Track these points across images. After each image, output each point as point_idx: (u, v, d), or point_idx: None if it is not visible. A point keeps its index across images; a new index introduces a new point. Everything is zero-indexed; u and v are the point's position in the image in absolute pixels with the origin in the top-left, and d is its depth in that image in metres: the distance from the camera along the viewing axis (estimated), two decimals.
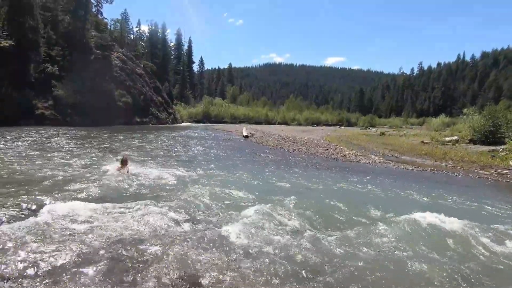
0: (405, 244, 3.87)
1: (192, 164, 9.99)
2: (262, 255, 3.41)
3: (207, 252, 3.39)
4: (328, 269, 3.20)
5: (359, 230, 4.32)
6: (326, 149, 16.82)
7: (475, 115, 20.30)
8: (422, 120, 73.91)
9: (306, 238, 3.96)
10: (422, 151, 16.65)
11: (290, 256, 3.43)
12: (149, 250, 3.38)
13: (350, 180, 8.46)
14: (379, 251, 3.69)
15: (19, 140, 14.41)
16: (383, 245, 3.83)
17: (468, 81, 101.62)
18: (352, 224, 4.69)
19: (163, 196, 5.61)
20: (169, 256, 3.23)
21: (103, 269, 2.96)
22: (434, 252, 3.71)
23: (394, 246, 3.82)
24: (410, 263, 3.38)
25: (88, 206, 4.65)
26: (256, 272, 3.07)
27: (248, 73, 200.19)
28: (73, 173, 7.34)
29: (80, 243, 3.41)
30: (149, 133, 23.98)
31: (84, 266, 2.98)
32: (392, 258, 3.50)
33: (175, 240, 3.66)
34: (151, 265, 3.07)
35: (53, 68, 29.92)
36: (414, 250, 3.74)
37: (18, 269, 2.87)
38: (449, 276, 3.17)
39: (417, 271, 3.23)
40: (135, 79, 41.33)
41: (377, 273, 3.15)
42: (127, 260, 3.15)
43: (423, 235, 4.16)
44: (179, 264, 3.11)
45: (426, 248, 3.82)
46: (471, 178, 10.24)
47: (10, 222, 3.96)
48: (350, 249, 3.69)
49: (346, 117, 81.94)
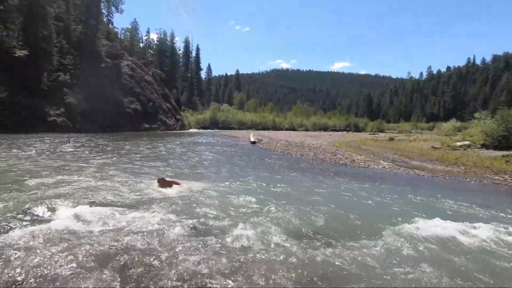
0: (414, 252, 3.77)
1: (199, 170, 10.02)
2: (269, 262, 3.37)
3: (216, 259, 3.37)
4: (335, 278, 3.13)
5: (367, 238, 4.23)
6: (334, 155, 16.68)
7: (487, 119, 19.83)
8: (432, 125, 72.63)
9: (314, 246, 3.90)
10: (432, 156, 16.33)
11: (298, 264, 3.37)
12: (156, 256, 3.38)
13: (359, 186, 8.34)
14: (388, 259, 3.60)
15: (32, 146, 14.74)
16: (392, 253, 3.73)
17: (479, 85, 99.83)
18: (360, 231, 4.60)
19: (170, 202, 5.62)
20: (177, 262, 3.22)
21: (111, 274, 2.96)
22: (444, 262, 3.60)
23: (402, 255, 3.72)
24: (417, 270, 3.29)
25: (99, 211, 4.69)
26: (263, 278, 3.03)
27: (255, 79, 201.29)
28: (84, 178, 7.44)
29: (89, 248, 3.43)
30: (157, 139, 24.23)
31: (92, 271, 3.00)
32: (401, 267, 3.40)
33: (182, 246, 3.65)
34: (159, 270, 3.06)
35: (65, 77, 30.74)
36: (423, 259, 3.63)
37: (28, 274, 2.90)
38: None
39: (423, 279, 3.14)
40: (144, 86, 42.09)
41: (386, 283, 3.07)
42: (135, 266, 3.15)
43: (434, 244, 4.04)
44: (187, 270, 3.09)
45: (437, 257, 3.70)
46: (484, 184, 9.97)
47: (23, 227, 4.02)
48: (359, 257, 3.60)
49: (354, 122, 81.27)
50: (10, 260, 3.12)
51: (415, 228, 4.42)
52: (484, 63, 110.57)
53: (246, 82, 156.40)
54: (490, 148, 17.55)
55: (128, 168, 9.61)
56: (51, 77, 29.86)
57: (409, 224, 4.66)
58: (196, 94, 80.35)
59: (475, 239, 4.20)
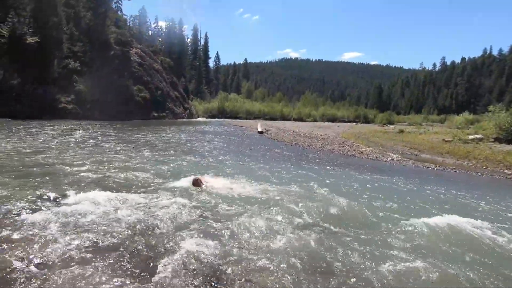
0: (420, 247, 3.74)
1: (206, 158, 10.08)
2: (274, 250, 3.41)
3: (222, 245, 3.42)
4: (338, 268, 3.14)
5: (373, 231, 4.22)
6: (342, 146, 16.54)
7: (502, 112, 19.22)
8: (443, 117, 70.85)
9: (319, 236, 3.92)
10: (443, 149, 16.02)
11: (303, 253, 3.40)
12: (164, 241, 3.44)
13: (366, 178, 8.28)
14: (393, 252, 3.59)
15: (44, 133, 15.05)
16: (397, 246, 3.71)
17: (495, 77, 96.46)
18: (366, 223, 4.59)
19: (177, 190, 5.69)
20: (184, 249, 3.28)
21: (119, 257, 3.05)
22: (451, 257, 3.57)
23: (408, 249, 3.70)
24: (424, 267, 3.27)
25: (109, 196, 4.80)
26: (268, 266, 3.07)
27: (264, 68, 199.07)
28: (98, 163, 7.58)
29: (98, 233, 3.52)
30: (167, 128, 24.42)
31: (101, 255, 3.08)
32: (406, 261, 3.39)
33: (190, 233, 3.72)
34: (166, 255, 3.13)
35: (75, 64, 30.95)
36: (430, 254, 3.60)
37: (40, 256, 3.00)
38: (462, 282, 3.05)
39: (432, 276, 3.12)
40: (153, 74, 42.10)
41: (391, 275, 3.07)
42: (143, 250, 3.23)
43: (441, 238, 4.00)
44: (193, 256, 3.15)
45: (443, 252, 3.67)
46: (496, 179, 9.77)
47: (38, 210, 4.14)
48: (364, 249, 3.60)
49: (363, 114, 79.85)
50: (26, 240, 3.23)
51: (421, 222, 4.37)
52: (501, 54, 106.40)
53: (254, 71, 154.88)
54: (504, 142, 17.10)
55: (139, 156, 9.74)
56: (61, 65, 30.12)
57: (414, 218, 4.61)
58: (204, 82, 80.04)
59: (483, 234, 4.14)
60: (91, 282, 2.62)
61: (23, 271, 2.71)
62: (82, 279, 2.65)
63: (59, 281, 2.61)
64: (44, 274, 2.69)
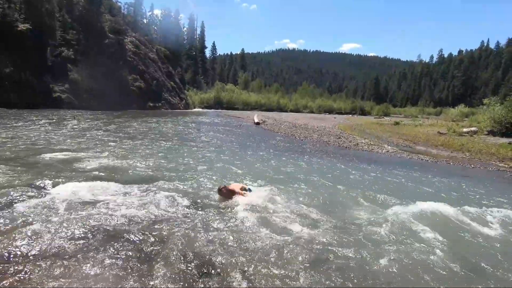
0: (410, 236, 3.81)
1: (203, 149, 10.07)
2: (268, 239, 3.45)
3: (217, 235, 3.45)
4: (330, 256, 3.19)
5: (365, 220, 4.28)
6: (338, 138, 16.61)
7: (496, 105, 19.38)
8: (439, 110, 71.40)
9: (312, 225, 3.97)
10: (438, 141, 16.18)
11: (296, 241, 3.44)
12: (158, 231, 3.47)
13: (362, 169, 8.35)
14: (383, 241, 3.65)
15: (37, 122, 14.86)
16: (389, 235, 3.77)
17: (491, 70, 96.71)
18: (359, 214, 4.65)
19: (174, 178, 5.70)
20: (178, 237, 3.31)
21: (113, 247, 3.07)
22: (440, 245, 3.64)
23: (399, 237, 3.76)
24: (413, 254, 3.34)
25: (101, 185, 4.79)
26: (263, 255, 3.12)
27: (261, 59, 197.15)
28: (85, 152, 7.54)
29: (90, 222, 3.53)
30: (163, 118, 24.24)
31: (97, 244, 3.10)
32: (395, 250, 3.46)
33: (184, 222, 3.74)
34: (161, 245, 3.15)
35: (68, 52, 30.37)
36: (419, 242, 3.68)
37: (25, 247, 3.00)
38: (453, 270, 3.13)
39: (420, 263, 3.20)
40: (148, 64, 41.54)
41: (380, 263, 3.14)
42: (136, 239, 3.25)
43: (431, 227, 4.07)
44: (187, 245, 3.18)
45: (433, 240, 3.74)
46: (489, 171, 9.92)
47: (28, 199, 4.13)
48: (354, 237, 3.66)
49: (359, 106, 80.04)
50: (16, 230, 3.23)
51: (412, 212, 4.43)
52: (498, 46, 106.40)
53: (251, 61, 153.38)
54: (498, 135, 17.32)
55: (133, 147, 9.69)
56: (54, 53, 29.54)
57: (405, 208, 4.68)
58: (201, 73, 79.25)
59: (473, 225, 4.23)
60: (81, 272, 2.63)
61: (11, 261, 2.71)
62: (72, 270, 2.67)
63: (48, 272, 2.61)
64: (33, 264, 2.69)
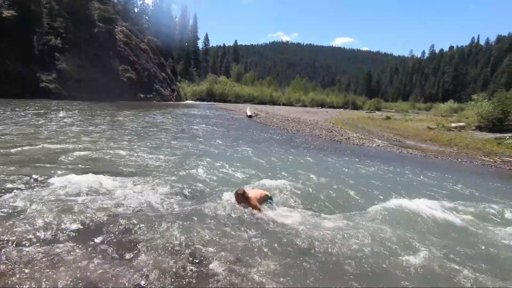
0: (395, 229, 3.91)
1: (194, 142, 10.03)
2: (258, 230, 3.50)
3: (209, 226, 3.48)
4: (318, 248, 3.26)
5: (353, 213, 4.37)
6: (330, 132, 16.75)
7: (484, 101, 19.82)
8: (429, 105, 72.49)
9: (301, 218, 4.04)
10: (427, 136, 16.51)
11: (285, 233, 3.51)
12: (149, 222, 3.47)
13: (352, 163, 8.48)
14: (368, 234, 3.73)
15: (26, 113, 14.50)
16: (374, 229, 3.85)
17: (481, 66, 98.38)
18: (348, 207, 4.75)
19: (166, 171, 5.68)
20: (172, 229, 3.32)
21: (104, 237, 3.07)
22: (422, 238, 3.75)
23: (384, 231, 3.83)
24: (396, 247, 3.44)
25: (93, 178, 4.74)
26: (252, 245, 3.16)
27: (254, 51, 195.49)
28: (81, 146, 7.43)
29: (81, 213, 3.51)
30: (154, 110, 23.93)
31: (87, 235, 3.10)
32: (381, 243, 3.55)
33: (176, 214, 3.76)
34: (151, 235, 3.17)
35: (56, 41, 29.46)
36: (404, 235, 3.77)
37: (22, 239, 2.98)
38: (441, 262, 3.24)
39: (406, 257, 3.30)
40: (139, 54, 40.74)
41: (366, 258, 3.22)
42: (130, 230, 3.25)
43: (417, 221, 4.19)
44: (178, 236, 3.20)
45: (416, 233, 3.84)
46: (474, 165, 10.21)
47: (20, 192, 4.06)
48: (341, 231, 3.73)
49: (352, 100, 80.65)
50: (8, 222, 3.19)
51: (399, 205, 4.54)
52: (487, 43, 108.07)
53: (244, 54, 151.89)
54: (484, 130, 17.75)
55: (123, 138, 9.58)
56: (41, 41, 28.61)
57: (394, 201, 4.80)
58: (193, 64, 78.18)
59: (456, 218, 4.37)
60: (75, 264, 2.63)
61: (4, 252, 2.69)
62: (66, 261, 2.66)
63: (41, 263, 2.61)
64: (27, 256, 2.68)
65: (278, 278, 2.67)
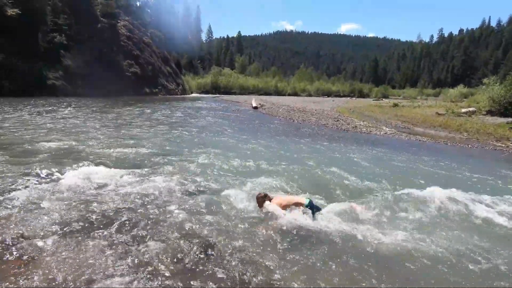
0: (409, 218, 3.88)
1: (202, 134, 10.05)
2: (266, 223, 3.51)
3: (215, 216, 3.51)
4: (325, 238, 3.26)
5: (363, 202, 4.34)
6: (336, 120, 16.58)
7: (496, 85, 19.24)
8: (438, 91, 70.97)
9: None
10: (436, 122, 16.20)
11: (294, 224, 3.51)
12: (159, 213, 3.52)
13: (360, 151, 8.39)
14: (381, 224, 3.71)
15: (34, 110, 14.71)
16: (386, 218, 3.84)
17: (492, 49, 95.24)
18: (356, 195, 4.71)
19: (175, 164, 5.72)
20: (179, 219, 3.36)
21: (114, 228, 3.12)
22: (437, 227, 3.72)
23: (397, 220, 3.83)
24: (411, 236, 3.42)
25: (101, 171, 4.81)
26: (257, 235, 3.18)
27: (258, 42, 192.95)
28: (96, 144, 7.52)
29: (93, 205, 3.58)
30: (161, 105, 24.00)
31: (94, 228, 3.15)
32: (393, 232, 3.53)
33: (185, 204, 3.79)
34: (160, 226, 3.21)
35: (61, 38, 29.59)
36: (418, 224, 3.74)
37: (40, 229, 3.05)
38: (454, 250, 3.21)
39: (420, 245, 3.27)
40: (143, 48, 40.67)
41: (376, 248, 3.21)
42: (141, 220, 3.30)
43: (429, 209, 4.13)
44: (188, 224, 3.24)
45: (429, 223, 3.81)
46: (486, 150, 10.00)
47: (29, 186, 4.15)
48: (351, 220, 3.72)
49: (358, 88, 79.41)
50: (19, 216, 3.27)
51: (410, 193, 4.48)
52: (499, 25, 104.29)
53: (248, 45, 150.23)
54: (496, 115, 17.30)
55: (131, 132, 9.65)
56: (46, 39, 28.78)
57: (404, 189, 4.73)
58: (197, 57, 77.76)
59: (468, 206, 4.28)
60: (84, 255, 2.69)
61: (16, 246, 2.76)
62: (76, 253, 2.72)
63: (51, 256, 2.67)
64: (35, 250, 2.74)
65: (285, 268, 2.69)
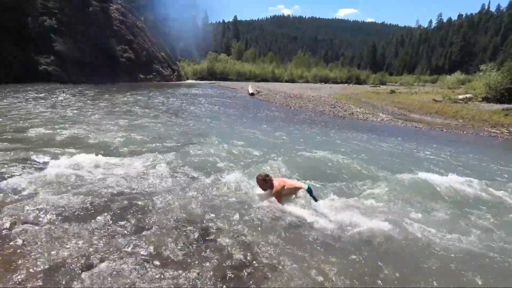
0: (401, 201, 3.93)
1: (198, 121, 9.97)
2: (266, 208, 3.53)
3: (212, 202, 3.52)
4: (318, 220, 3.30)
5: (357, 187, 4.38)
6: (333, 107, 16.52)
7: (493, 71, 19.16)
8: (435, 78, 70.66)
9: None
10: (432, 109, 16.22)
11: (294, 209, 3.53)
12: (156, 199, 3.51)
13: (355, 138, 8.41)
14: (373, 208, 3.75)
15: (28, 97, 14.44)
16: (379, 202, 3.87)
17: (490, 35, 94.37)
18: (352, 180, 4.73)
19: (173, 151, 5.68)
20: (176, 204, 3.36)
21: (111, 214, 3.11)
22: (430, 210, 3.77)
23: (389, 202, 3.87)
24: (404, 220, 3.46)
25: (96, 159, 4.76)
26: (254, 221, 3.20)
27: (254, 27, 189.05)
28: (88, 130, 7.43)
29: (89, 193, 3.55)
30: (155, 91, 23.67)
31: (93, 212, 3.14)
32: (384, 215, 3.57)
33: (181, 191, 3.78)
34: (158, 212, 3.21)
35: (51, 21, 28.70)
36: (410, 207, 3.79)
37: (28, 218, 3.03)
38: (446, 233, 3.26)
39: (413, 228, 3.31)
40: (136, 33, 39.66)
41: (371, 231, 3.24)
42: (135, 206, 3.29)
43: (422, 193, 4.19)
44: (185, 210, 3.24)
45: (423, 205, 3.87)
46: (480, 137, 10.07)
47: (24, 174, 4.10)
48: (345, 205, 3.75)
49: (355, 75, 78.75)
50: (14, 203, 3.24)
51: (402, 179, 4.52)
52: (498, 10, 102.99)
53: (244, 30, 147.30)
54: (492, 101, 17.34)
55: (127, 119, 9.54)
56: (36, 23, 27.90)
57: (397, 175, 4.77)
58: (192, 42, 76.20)
59: (461, 190, 4.34)
60: (81, 242, 2.69)
61: (11, 234, 2.74)
62: (73, 240, 2.72)
63: (47, 243, 2.66)
64: (32, 236, 2.73)
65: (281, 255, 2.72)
